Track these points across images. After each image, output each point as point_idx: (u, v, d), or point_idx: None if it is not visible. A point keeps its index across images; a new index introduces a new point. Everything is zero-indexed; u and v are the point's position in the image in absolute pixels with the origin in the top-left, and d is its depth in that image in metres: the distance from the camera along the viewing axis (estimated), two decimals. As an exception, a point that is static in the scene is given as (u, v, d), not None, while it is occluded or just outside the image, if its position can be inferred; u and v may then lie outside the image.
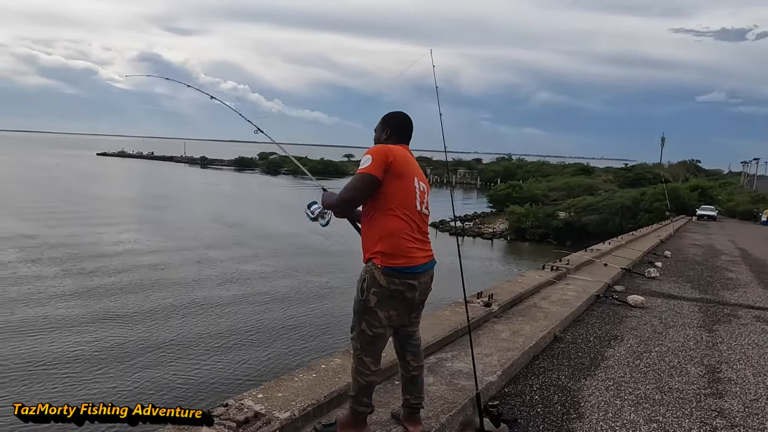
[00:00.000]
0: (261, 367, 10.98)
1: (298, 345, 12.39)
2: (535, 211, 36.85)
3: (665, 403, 4.03)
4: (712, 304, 7.83)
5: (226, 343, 12.37)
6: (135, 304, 14.97)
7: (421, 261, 2.77)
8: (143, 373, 10.53)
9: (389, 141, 2.93)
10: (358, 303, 2.77)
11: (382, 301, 2.72)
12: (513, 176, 65.32)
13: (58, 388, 9.77)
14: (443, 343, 4.63)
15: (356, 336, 2.80)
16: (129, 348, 11.78)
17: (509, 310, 6.14)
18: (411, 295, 2.77)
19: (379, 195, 2.73)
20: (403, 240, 2.72)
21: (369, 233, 2.78)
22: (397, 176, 2.73)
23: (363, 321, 2.76)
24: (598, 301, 7.31)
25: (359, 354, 2.80)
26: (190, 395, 9.61)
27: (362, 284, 2.74)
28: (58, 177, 58.60)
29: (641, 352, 5.21)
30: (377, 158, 2.71)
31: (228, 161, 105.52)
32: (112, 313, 14.10)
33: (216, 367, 10.95)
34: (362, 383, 2.82)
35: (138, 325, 13.28)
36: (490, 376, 4.06)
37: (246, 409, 2.89)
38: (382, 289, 2.70)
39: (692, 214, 34.54)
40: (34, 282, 16.61)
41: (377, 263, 2.70)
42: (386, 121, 3.01)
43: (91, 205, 35.97)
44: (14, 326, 12.69)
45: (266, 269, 20.30)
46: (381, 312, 2.73)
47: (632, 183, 54.25)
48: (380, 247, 2.70)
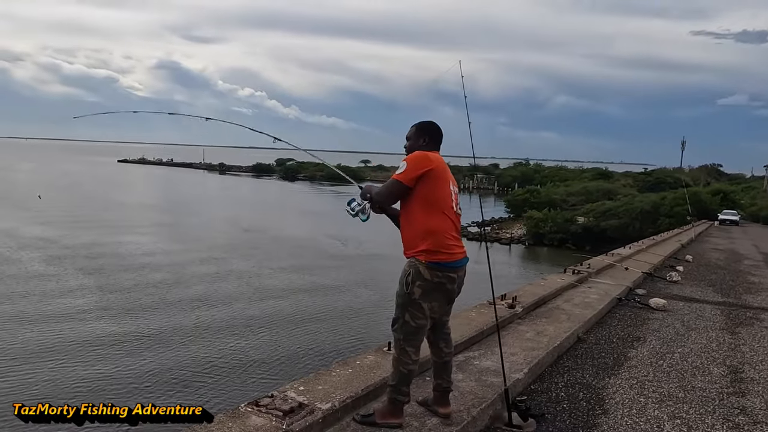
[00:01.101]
0: (295, 362, 11.42)
1: (327, 341, 12.91)
2: (553, 216, 36.69)
3: (688, 400, 4.14)
4: (734, 307, 7.87)
5: (258, 338, 12.87)
6: (161, 301, 15.63)
7: (459, 256, 3.04)
8: (174, 364, 11.08)
9: (426, 148, 3.11)
10: (403, 296, 2.98)
11: (426, 294, 2.95)
12: (530, 181, 65.09)
13: (93, 379, 10.26)
14: (470, 342, 4.79)
15: (399, 327, 3.01)
16: (160, 339, 12.46)
17: (533, 311, 6.27)
18: (451, 287, 3.04)
19: (420, 196, 2.96)
20: (445, 238, 2.97)
21: (412, 231, 2.99)
22: (435, 180, 2.98)
23: (407, 312, 2.98)
24: (620, 304, 7.39)
25: (402, 344, 3.00)
26: (230, 387, 10.06)
27: (407, 278, 2.96)
28: (81, 183, 59.82)
29: (664, 353, 5.32)
30: (411, 166, 2.96)
31: (246, 167, 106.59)
32: (139, 309, 14.79)
33: (252, 361, 11.42)
34: (404, 372, 3.01)
35: (168, 319, 13.99)
36: (517, 373, 4.21)
37: (290, 400, 3.08)
38: (426, 282, 2.94)
39: (714, 218, 34.15)
40: (57, 282, 17.27)
41: (421, 259, 2.93)
42: (423, 129, 3.19)
43: (112, 211, 36.69)
44: (41, 319, 13.38)
45: (283, 269, 20.79)
46: (425, 304, 2.97)
47: (652, 187, 53.75)
48: (425, 245, 2.93)
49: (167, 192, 58.25)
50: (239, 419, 2.87)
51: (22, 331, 12.58)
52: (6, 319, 13.39)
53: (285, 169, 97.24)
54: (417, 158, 2.99)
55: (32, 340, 12.00)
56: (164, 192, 58.24)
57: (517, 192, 52.41)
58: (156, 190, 60.71)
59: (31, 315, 13.73)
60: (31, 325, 13.00)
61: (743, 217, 38.99)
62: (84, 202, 41.12)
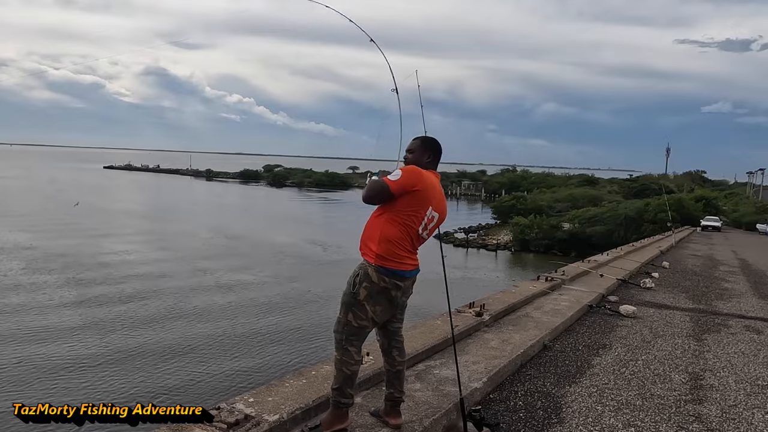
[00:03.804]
0: (254, 372, 11.35)
1: (289, 350, 12.84)
2: (539, 223, 36.94)
3: (645, 408, 4.17)
4: (704, 313, 7.95)
5: (219, 349, 12.80)
6: (133, 312, 15.49)
7: (409, 268, 3.09)
8: (139, 378, 10.94)
9: (430, 164, 3.20)
10: (348, 295, 3.03)
11: (370, 296, 3.00)
12: (517, 188, 65.55)
13: (57, 390, 10.16)
14: (432, 351, 4.78)
15: (342, 328, 3.05)
16: (126, 353, 12.22)
17: (501, 319, 6.29)
18: (395, 294, 3.07)
19: (395, 207, 3.02)
20: (399, 248, 3.02)
21: (371, 233, 3.06)
22: (417, 200, 3.01)
23: (350, 312, 3.02)
24: (590, 311, 7.44)
25: (344, 344, 3.03)
26: (185, 399, 9.90)
27: (355, 279, 3.02)
28: (65, 190, 59.20)
29: (627, 360, 5.35)
30: (406, 178, 2.98)
31: (233, 174, 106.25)
32: (110, 321, 14.60)
33: (209, 372, 11.32)
34: (347, 373, 3.04)
35: (135, 332, 13.73)
36: (476, 382, 4.21)
37: (237, 412, 3.06)
38: (372, 285, 2.99)
39: (697, 224, 34.53)
40: (37, 290, 17.18)
41: (371, 262, 3.00)
42: (428, 144, 3.24)
43: (95, 218, 36.40)
44: (18, 332, 13.16)
45: (261, 278, 20.88)
46: (368, 306, 3.01)
47: (637, 194, 54.25)
48: (378, 249, 2.99)
49: (150, 199, 57.99)
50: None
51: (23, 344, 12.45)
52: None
53: (273, 175, 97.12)
54: (414, 173, 3.02)
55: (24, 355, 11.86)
56: (147, 199, 57.94)
57: (504, 198, 52.74)
58: (138, 197, 60.29)
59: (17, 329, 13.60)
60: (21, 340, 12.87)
61: (726, 223, 39.45)
62: (68, 210, 40.73)
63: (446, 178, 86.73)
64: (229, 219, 40.46)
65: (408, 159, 3.24)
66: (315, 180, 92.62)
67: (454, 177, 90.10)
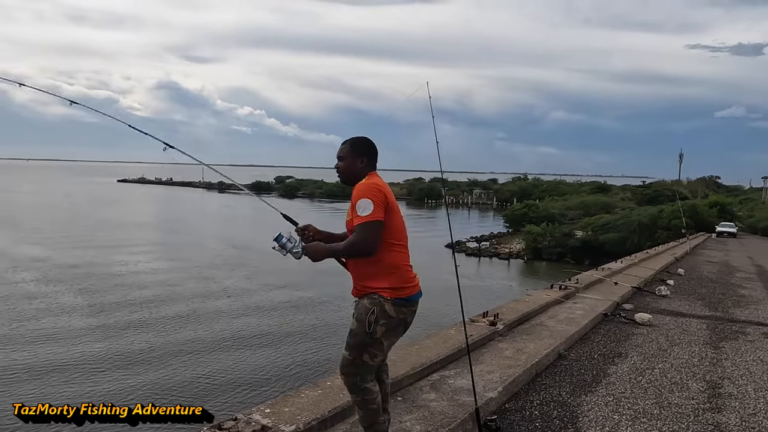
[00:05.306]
0: (270, 380, 11.33)
1: (304, 359, 12.85)
2: (551, 231, 36.72)
3: (663, 417, 4.13)
4: (721, 321, 7.86)
5: (234, 358, 12.90)
6: (144, 320, 15.85)
7: (419, 287, 2.90)
8: (154, 383, 11.06)
9: (365, 169, 2.88)
10: (363, 335, 2.74)
11: (389, 331, 2.77)
12: (529, 196, 65.28)
13: (67, 391, 10.35)
14: (447, 361, 4.78)
15: (355, 370, 2.77)
16: (137, 360, 12.47)
17: (515, 328, 6.26)
18: (411, 320, 2.88)
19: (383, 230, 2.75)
20: (407, 271, 2.84)
21: (373, 266, 2.77)
22: (392, 211, 2.78)
23: (366, 353, 2.76)
24: (605, 320, 7.38)
25: (361, 385, 2.78)
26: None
27: (369, 316, 2.72)
28: (80, 204, 59.99)
29: (644, 369, 5.31)
30: (378, 202, 2.70)
31: (245, 186, 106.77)
32: (121, 328, 14.94)
33: (225, 380, 11.39)
34: (373, 407, 2.84)
35: (146, 339, 14.03)
36: (491, 392, 4.20)
37: (254, 423, 3.09)
38: (390, 320, 2.75)
39: (712, 231, 34.15)
40: (53, 299, 17.66)
41: (387, 296, 2.74)
42: (359, 148, 2.91)
43: (109, 231, 36.83)
44: (33, 337, 13.63)
45: (269, 286, 20.99)
46: (386, 341, 2.80)
47: (650, 200, 53.82)
48: (390, 281, 2.75)
49: (162, 212, 58.48)
50: (200, 443, 2.87)
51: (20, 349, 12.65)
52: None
53: (284, 186, 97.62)
54: (374, 191, 2.72)
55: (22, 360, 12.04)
56: (159, 212, 58.45)
57: (516, 207, 52.53)
58: (151, 210, 60.88)
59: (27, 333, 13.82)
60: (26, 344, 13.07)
61: (741, 228, 38.98)
62: (83, 222, 41.25)
63: (457, 186, 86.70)
64: (239, 230, 40.69)
65: (339, 167, 2.91)
66: (326, 191, 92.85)
67: (465, 186, 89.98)
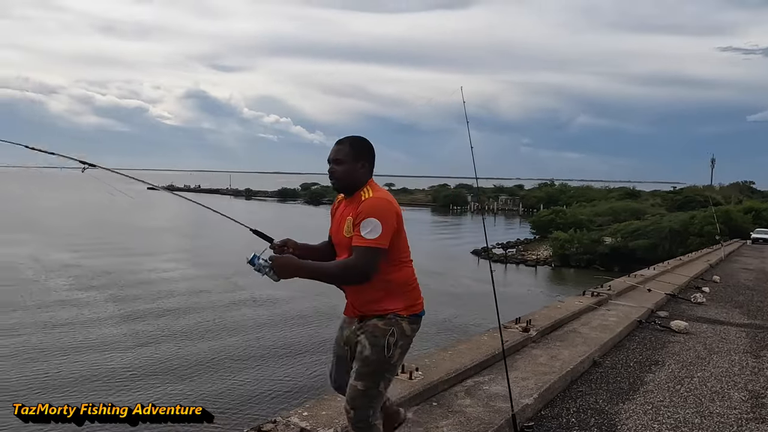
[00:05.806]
0: (303, 384, 11.52)
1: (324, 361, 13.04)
2: (579, 237, 36.17)
3: (705, 427, 4.04)
4: (761, 329, 7.64)
5: (266, 361, 13.11)
6: (176, 324, 16.15)
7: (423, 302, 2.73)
8: (193, 388, 11.29)
9: (366, 174, 2.60)
10: (380, 362, 2.49)
11: (403, 353, 2.59)
12: (556, 202, 64.45)
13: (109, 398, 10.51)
14: (481, 367, 4.76)
15: (370, 402, 2.49)
16: (172, 364, 12.71)
17: (548, 335, 6.20)
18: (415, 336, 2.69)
19: (391, 250, 2.50)
20: (417, 287, 2.67)
21: (385, 287, 2.54)
22: (401, 228, 2.56)
23: (383, 380, 2.52)
24: (640, 327, 7.25)
25: (372, 420, 2.51)
26: (237, 411, 10.14)
27: (389, 340, 2.48)
28: (111, 210, 61.35)
29: (682, 378, 5.19)
30: (388, 227, 2.43)
31: (271, 192, 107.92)
32: (156, 333, 15.24)
33: (259, 384, 11.60)
34: None
35: (178, 344, 14.30)
36: (527, 398, 4.16)
37: (293, 426, 3.13)
38: (406, 339, 2.57)
39: (747, 237, 33.24)
40: (83, 306, 17.97)
41: (404, 314, 2.55)
42: (361, 150, 2.61)
43: (140, 238, 37.55)
44: (67, 345, 13.88)
45: (298, 293, 21.09)
46: (399, 364, 2.64)
47: (681, 206, 52.62)
48: (405, 300, 2.57)
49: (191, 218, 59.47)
50: (241, 445, 2.91)
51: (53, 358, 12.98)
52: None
53: (310, 193, 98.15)
54: (389, 214, 2.46)
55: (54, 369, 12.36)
56: (188, 219, 59.46)
57: (543, 213, 51.96)
58: (180, 216, 62.03)
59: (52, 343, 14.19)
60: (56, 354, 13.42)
61: (778, 235, 37.81)
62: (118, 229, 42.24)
63: (483, 193, 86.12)
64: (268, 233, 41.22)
65: (336, 172, 2.57)
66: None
67: (491, 192, 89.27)
